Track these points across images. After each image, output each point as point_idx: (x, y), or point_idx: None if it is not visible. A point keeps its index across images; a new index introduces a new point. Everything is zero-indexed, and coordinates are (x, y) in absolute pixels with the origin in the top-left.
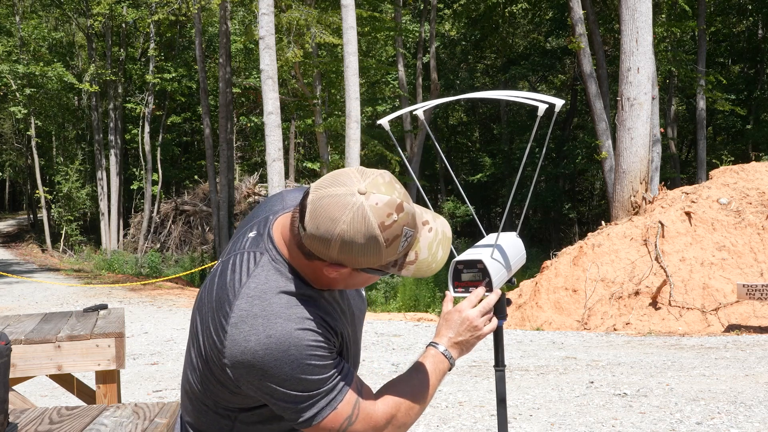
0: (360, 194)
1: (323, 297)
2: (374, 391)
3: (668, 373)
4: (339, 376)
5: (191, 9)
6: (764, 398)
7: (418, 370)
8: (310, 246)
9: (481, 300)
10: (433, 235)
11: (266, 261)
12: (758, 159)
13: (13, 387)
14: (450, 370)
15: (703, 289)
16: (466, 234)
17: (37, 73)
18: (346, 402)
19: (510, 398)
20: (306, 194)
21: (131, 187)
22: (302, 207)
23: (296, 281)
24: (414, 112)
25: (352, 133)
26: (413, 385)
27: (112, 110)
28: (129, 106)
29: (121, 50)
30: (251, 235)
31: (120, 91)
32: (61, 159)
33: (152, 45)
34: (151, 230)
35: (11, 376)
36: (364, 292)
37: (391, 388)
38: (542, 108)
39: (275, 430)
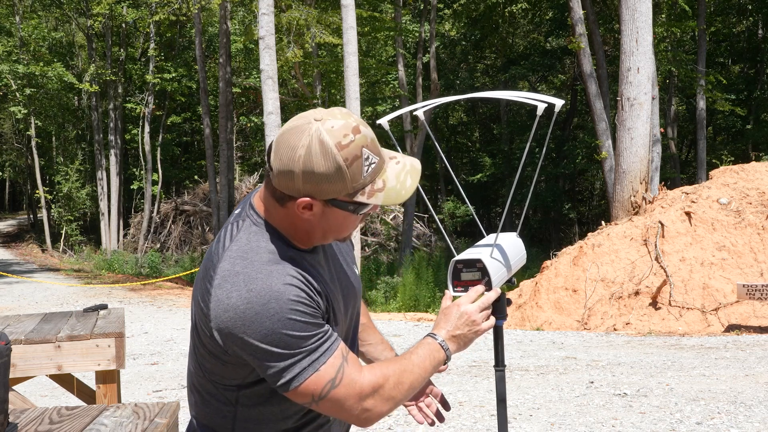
0: (316, 121)
1: (305, 259)
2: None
3: (668, 373)
4: (323, 339)
5: (191, 9)
6: (764, 398)
7: (412, 352)
8: (278, 185)
9: (480, 297)
10: (401, 166)
11: (247, 225)
12: (758, 159)
13: (13, 387)
14: (446, 363)
15: (703, 289)
16: (466, 234)
17: (37, 73)
18: (330, 365)
19: (510, 398)
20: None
21: (131, 187)
22: (269, 150)
23: (278, 242)
24: (414, 112)
25: None
26: (404, 363)
27: (112, 110)
28: (129, 106)
29: (121, 50)
30: (236, 211)
31: (120, 91)
32: (61, 159)
33: (152, 45)
34: (151, 230)
35: (11, 376)
36: (357, 270)
37: (381, 362)
38: (541, 107)
39: (278, 413)
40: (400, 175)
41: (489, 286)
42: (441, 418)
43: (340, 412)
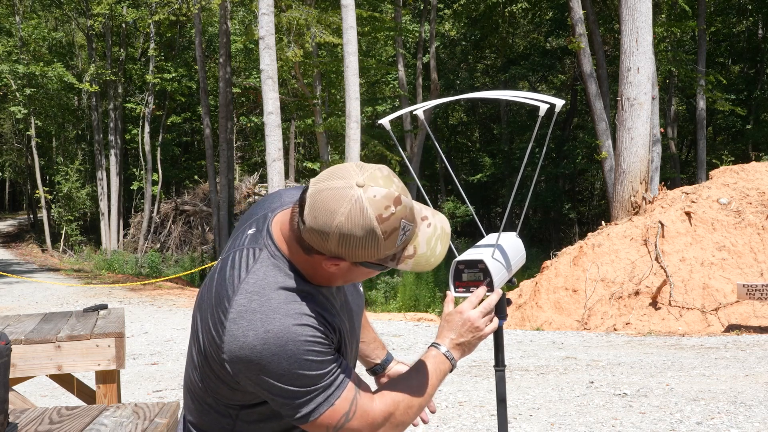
0: (358, 187)
1: (321, 293)
2: (372, 390)
3: (668, 373)
4: (336, 373)
5: (191, 9)
6: (764, 398)
7: (418, 369)
8: (309, 240)
9: (482, 301)
10: (432, 230)
11: (265, 257)
12: (758, 159)
13: (13, 387)
14: (451, 371)
15: (703, 289)
16: (466, 234)
17: (37, 73)
18: (344, 398)
19: (510, 398)
20: (305, 189)
21: (131, 187)
22: (301, 201)
23: (295, 277)
24: (414, 112)
25: (352, 133)
26: (412, 384)
27: (112, 110)
28: (129, 106)
29: (121, 50)
30: (250, 232)
31: (120, 91)
32: (61, 159)
33: (152, 45)
34: (151, 230)
35: (11, 376)
36: (361, 288)
37: (390, 386)
38: (543, 108)
39: (276, 428)
40: (431, 240)
41: (490, 287)
42: (425, 419)
43: None
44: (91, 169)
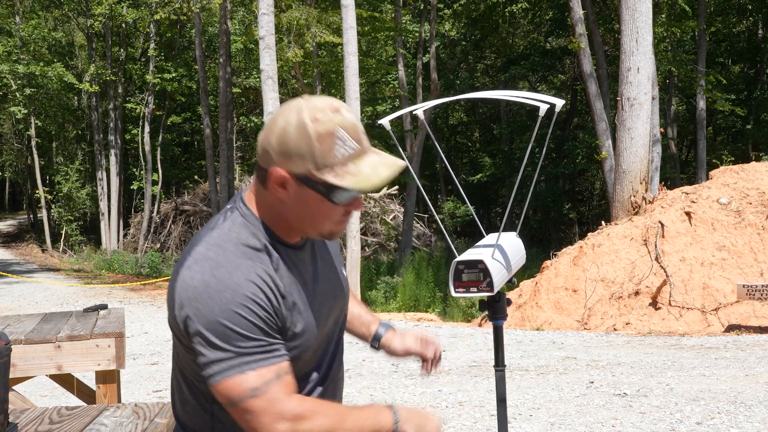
0: (302, 100)
1: (288, 255)
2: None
3: (668, 373)
4: (262, 348)
5: (192, 9)
6: (764, 398)
7: (359, 408)
8: (260, 160)
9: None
10: (381, 159)
11: (235, 216)
12: (758, 159)
13: (13, 387)
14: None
15: (703, 289)
16: (466, 234)
17: (37, 73)
18: (259, 374)
19: (510, 398)
20: None
21: (131, 187)
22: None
23: (261, 237)
24: (414, 112)
25: None
26: (343, 413)
27: (112, 110)
28: (129, 106)
29: (121, 50)
30: (228, 205)
31: (120, 91)
32: (61, 159)
33: (152, 45)
34: (151, 230)
35: (11, 376)
36: (344, 272)
37: (320, 401)
38: (543, 108)
39: None
40: (377, 166)
41: (490, 287)
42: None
43: (249, 424)
44: (91, 169)
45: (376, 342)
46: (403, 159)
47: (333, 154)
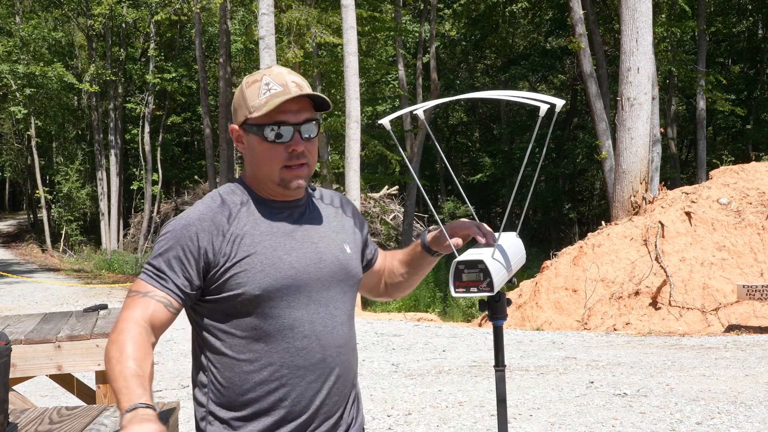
0: None
1: (264, 205)
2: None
3: (668, 373)
4: (160, 272)
5: (192, 9)
6: (764, 398)
7: (128, 376)
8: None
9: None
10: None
11: (226, 184)
12: (758, 159)
13: (13, 387)
14: (120, 410)
15: (703, 289)
16: None
17: (37, 73)
18: (143, 282)
19: (510, 398)
20: None
21: (131, 187)
22: None
23: (236, 191)
24: (414, 112)
25: (352, 133)
26: (122, 360)
27: (112, 110)
28: (129, 106)
29: (121, 50)
30: None
31: (120, 91)
32: (61, 159)
33: (152, 45)
34: (152, 230)
35: (11, 376)
36: (348, 249)
37: (137, 337)
38: (544, 108)
39: (235, 356)
40: (284, 96)
41: (491, 288)
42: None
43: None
44: (91, 169)
45: (426, 248)
46: (404, 160)
47: (259, 97)
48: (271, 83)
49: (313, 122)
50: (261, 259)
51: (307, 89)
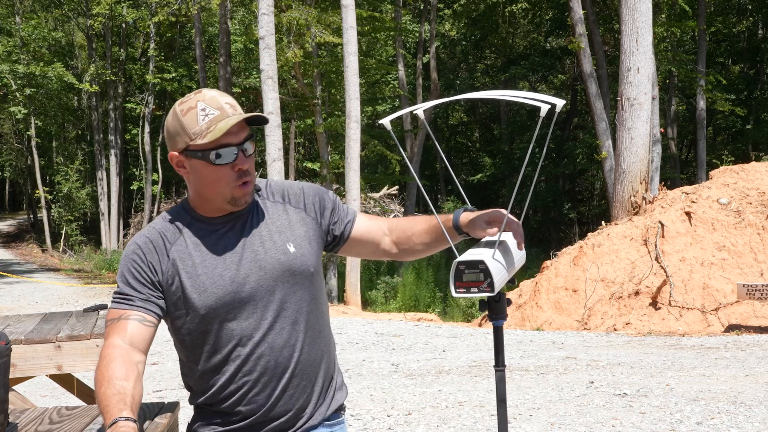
0: None
1: (203, 223)
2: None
3: (668, 373)
4: (125, 295)
5: (191, 9)
6: (764, 398)
7: (110, 395)
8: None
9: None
10: (235, 116)
11: (174, 206)
12: (758, 159)
13: (13, 387)
14: (104, 422)
15: (703, 289)
16: None
17: (37, 73)
18: (112, 311)
19: (510, 398)
20: None
21: (131, 187)
22: None
23: (181, 211)
24: (414, 112)
25: (352, 133)
26: (104, 383)
27: (112, 110)
28: (129, 106)
29: (121, 50)
30: None
31: (120, 91)
32: (61, 159)
33: (152, 45)
34: None
35: (11, 376)
36: (291, 248)
37: (117, 358)
38: (544, 108)
39: (198, 363)
40: (231, 120)
41: (491, 288)
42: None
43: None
44: (91, 169)
45: (458, 228)
46: (404, 159)
47: (198, 124)
48: (207, 108)
49: (251, 139)
50: (203, 279)
51: (240, 109)
